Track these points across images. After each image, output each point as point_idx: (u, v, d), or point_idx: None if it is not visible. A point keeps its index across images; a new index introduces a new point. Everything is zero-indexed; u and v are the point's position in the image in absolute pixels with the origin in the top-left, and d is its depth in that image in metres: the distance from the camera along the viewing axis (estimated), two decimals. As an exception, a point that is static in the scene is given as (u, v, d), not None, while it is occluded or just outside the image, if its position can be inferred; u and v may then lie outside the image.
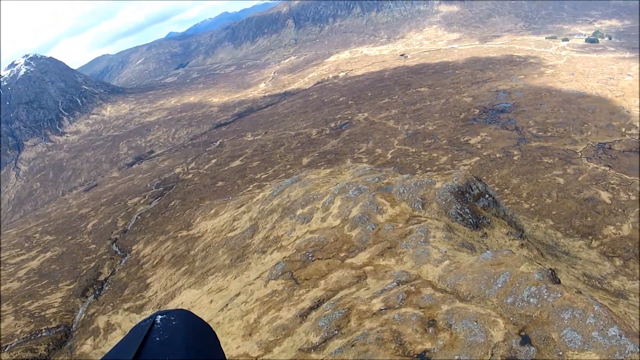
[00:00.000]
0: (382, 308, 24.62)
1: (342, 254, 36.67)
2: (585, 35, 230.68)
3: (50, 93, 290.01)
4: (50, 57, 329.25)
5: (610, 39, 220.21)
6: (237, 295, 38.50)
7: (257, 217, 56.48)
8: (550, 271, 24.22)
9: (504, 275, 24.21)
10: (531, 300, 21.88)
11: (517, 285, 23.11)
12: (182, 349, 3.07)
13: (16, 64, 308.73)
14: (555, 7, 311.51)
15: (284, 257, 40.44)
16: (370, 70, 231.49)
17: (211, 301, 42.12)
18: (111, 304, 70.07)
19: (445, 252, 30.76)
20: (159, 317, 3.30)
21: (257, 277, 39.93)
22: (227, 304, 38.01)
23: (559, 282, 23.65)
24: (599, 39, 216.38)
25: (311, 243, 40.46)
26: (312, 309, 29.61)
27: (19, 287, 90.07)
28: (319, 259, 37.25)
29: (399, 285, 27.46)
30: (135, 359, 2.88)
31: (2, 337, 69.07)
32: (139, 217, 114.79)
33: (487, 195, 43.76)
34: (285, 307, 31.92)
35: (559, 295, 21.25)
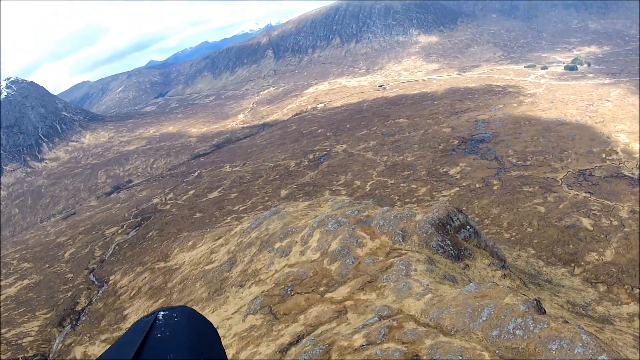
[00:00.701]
0: (364, 344, 23.93)
1: (322, 288, 36.02)
2: (564, 62, 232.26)
3: (31, 118, 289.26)
4: (32, 82, 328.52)
5: (589, 65, 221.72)
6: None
7: (235, 250, 55.78)
8: (535, 301, 23.67)
9: (488, 307, 23.63)
10: (517, 332, 21.34)
11: (503, 317, 22.55)
12: (183, 345, 3.05)
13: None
14: (534, 36, 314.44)
15: (262, 291, 39.74)
16: (348, 101, 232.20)
17: (188, 335, 41.13)
18: (88, 335, 69.28)
19: (427, 285, 30.19)
20: (161, 313, 3.28)
21: (235, 312, 39.22)
22: (204, 339, 37.15)
23: (545, 312, 23.10)
24: (578, 66, 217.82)
25: (290, 277, 39.82)
26: (291, 344, 28.93)
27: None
28: (298, 293, 36.55)
29: (380, 320, 26.79)
30: (137, 356, 2.88)
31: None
32: (117, 247, 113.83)
33: (468, 227, 43.25)
34: (264, 343, 31.19)
35: (546, 325, 20.72)
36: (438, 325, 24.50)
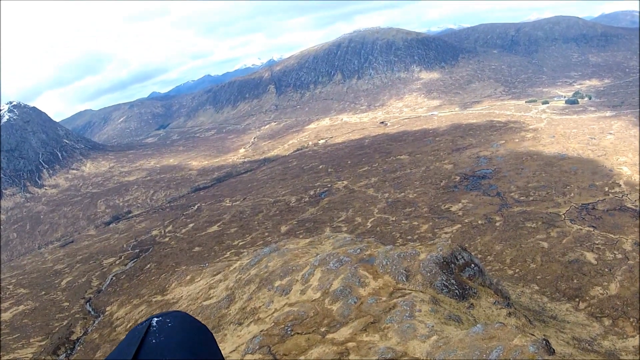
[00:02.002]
0: (367, 389, 22.97)
1: (323, 329, 35.03)
2: (565, 97, 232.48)
3: (32, 143, 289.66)
4: (34, 107, 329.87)
5: (590, 98, 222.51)
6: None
7: (233, 287, 54.86)
8: (544, 342, 22.90)
9: (497, 350, 22.77)
10: (527, 376, 20.41)
11: (512, 359, 21.57)
12: (179, 350, 3.11)
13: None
14: (535, 71, 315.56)
15: (261, 331, 38.74)
16: (350, 137, 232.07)
17: (184, 374, 40.07)
18: (83, 366, 68.39)
19: (433, 326, 29.29)
20: (155, 319, 3.32)
21: (233, 350, 38.21)
22: (199, 379, 36.13)
23: (554, 352, 22.27)
24: (579, 100, 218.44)
25: (290, 316, 38.79)
26: (291, 386, 27.96)
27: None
28: (298, 333, 35.54)
29: (384, 363, 25.81)
30: None
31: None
32: (114, 277, 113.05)
33: (472, 265, 42.46)
34: (262, 384, 30.23)
35: (556, 367, 19.80)
36: (445, 369, 23.58)
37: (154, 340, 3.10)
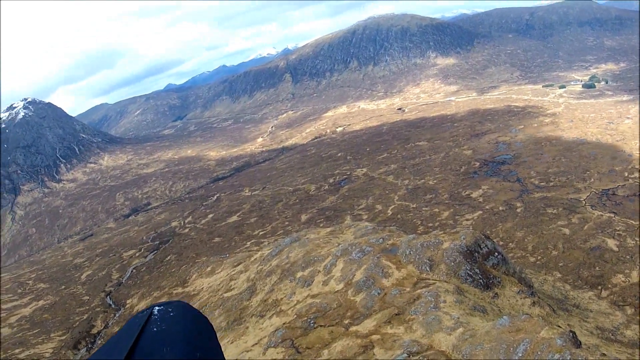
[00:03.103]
0: (393, 383, 22.60)
1: (346, 321, 34.55)
2: (581, 81, 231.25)
3: (48, 139, 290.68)
4: (49, 103, 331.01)
5: (607, 82, 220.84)
6: (234, 362, 36.40)
7: (255, 278, 54.43)
8: (571, 334, 22.47)
9: (524, 343, 22.33)
10: (555, 368, 20.03)
11: (539, 353, 21.29)
12: (179, 339, 3.10)
13: (15, 107, 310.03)
14: (551, 55, 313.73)
15: (283, 323, 38.33)
16: (368, 124, 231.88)
17: (207, 367, 39.63)
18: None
19: (458, 318, 28.80)
20: (156, 308, 3.30)
21: (255, 344, 37.82)
22: (222, 372, 35.80)
23: (580, 344, 21.86)
24: (596, 84, 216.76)
25: (313, 308, 38.35)
26: (315, 381, 27.61)
27: (10, 334, 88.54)
28: (321, 325, 35.11)
29: (409, 356, 25.45)
30: (133, 349, 2.93)
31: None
32: (134, 270, 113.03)
33: (496, 253, 41.93)
34: (285, 379, 29.89)
35: (584, 361, 19.43)
36: (471, 363, 23.22)
37: (155, 329, 3.10)
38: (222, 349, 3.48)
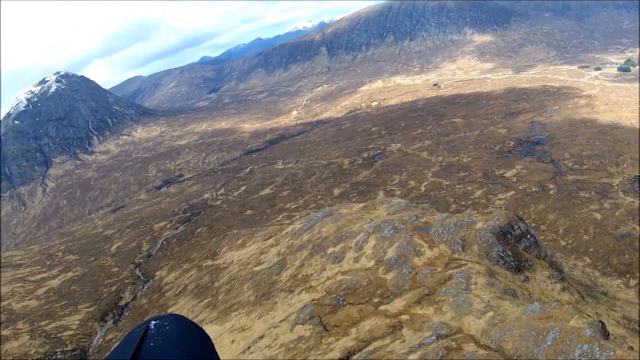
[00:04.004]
0: (420, 366, 22.60)
1: (376, 300, 34.24)
2: (617, 64, 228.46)
3: (81, 111, 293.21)
4: (82, 76, 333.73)
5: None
6: (261, 338, 36.32)
7: (285, 252, 54.36)
8: (600, 324, 22.22)
9: (553, 331, 22.10)
10: (583, 359, 19.97)
11: (568, 342, 21.01)
12: (176, 353, 3.11)
13: (47, 81, 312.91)
14: (587, 36, 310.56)
15: (312, 300, 38.16)
16: (403, 100, 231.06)
17: (233, 341, 39.77)
18: (130, 332, 68.77)
19: (488, 301, 28.51)
20: (153, 322, 3.33)
21: (283, 320, 37.70)
22: (249, 347, 35.86)
23: (609, 335, 21.79)
24: (631, 67, 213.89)
25: (342, 285, 38.03)
26: (342, 360, 27.64)
27: (37, 306, 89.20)
28: (350, 303, 34.78)
29: (438, 339, 25.17)
30: None
31: (16, 356, 68.09)
32: (164, 242, 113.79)
33: (528, 236, 41.38)
34: (312, 356, 29.67)
35: (612, 353, 19.27)
36: (499, 349, 22.95)
37: (152, 343, 3.12)
38: (250, 325, 3.54)
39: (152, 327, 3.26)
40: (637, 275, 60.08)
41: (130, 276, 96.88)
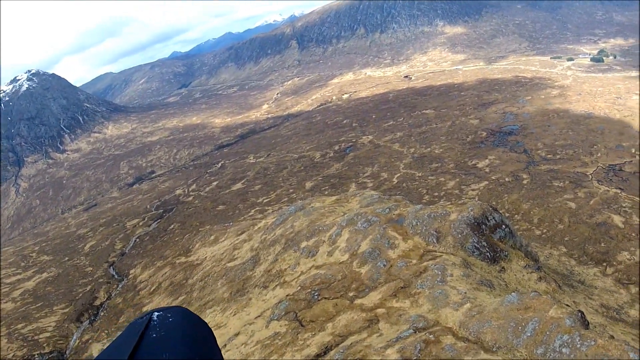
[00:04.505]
0: (398, 360, 22.11)
1: (351, 294, 33.91)
2: (590, 54, 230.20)
3: (52, 110, 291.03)
4: (53, 74, 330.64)
5: (615, 57, 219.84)
6: (237, 335, 35.85)
7: (258, 248, 53.97)
8: (580, 314, 21.94)
9: (532, 322, 21.79)
10: (564, 350, 19.54)
11: (548, 333, 20.71)
12: (179, 345, 3.08)
13: (18, 80, 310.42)
14: (559, 27, 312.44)
15: (287, 295, 37.72)
16: (374, 92, 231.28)
17: (208, 339, 39.24)
18: (106, 331, 68.34)
19: (465, 293, 28.19)
20: (156, 313, 3.29)
21: (259, 316, 37.27)
22: (225, 345, 35.35)
23: (588, 325, 21.42)
24: (605, 58, 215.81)
25: (317, 280, 37.65)
26: (318, 356, 27.06)
27: (13, 309, 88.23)
28: (325, 298, 34.47)
29: (415, 332, 24.79)
30: (132, 356, 2.90)
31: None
32: (138, 240, 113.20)
33: (503, 226, 41.26)
34: (288, 353, 29.29)
35: (593, 343, 18.94)
36: (478, 341, 22.58)
37: (154, 335, 3.04)
38: (226, 322, 3.28)
39: (155, 318, 3.18)
40: (614, 264, 60.30)
41: (104, 275, 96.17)
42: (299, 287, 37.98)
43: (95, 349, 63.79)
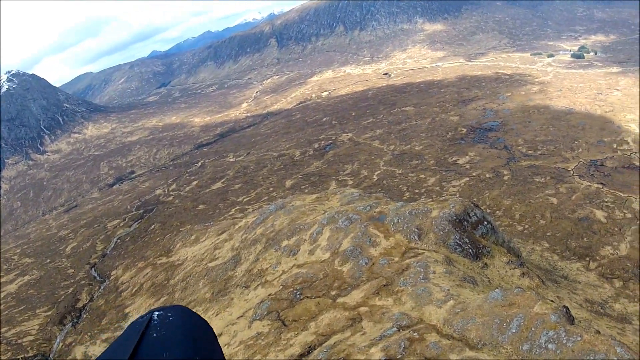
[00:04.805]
0: (383, 359, 21.79)
1: (334, 292, 33.72)
2: (570, 51, 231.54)
3: (32, 110, 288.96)
4: (33, 74, 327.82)
5: (596, 53, 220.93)
6: (219, 335, 35.42)
7: (239, 247, 53.66)
8: (565, 309, 21.82)
9: (517, 318, 21.64)
10: (549, 346, 19.45)
11: (533, 329, 20.61)
12: (179, 344, 3.07)
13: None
14: (539, 24, 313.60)
15: (269, 295, 37.47)
16: (353, 89, 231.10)
17: (191, 340, 38.88)
18: (89, 334, 67.54)
19: (448, 290, 28.04)
20: (156, 313, 3.29)
21: (241, 316, 37.07)
22: (207, 346, 35.05)
23: (574, 320, 21.23)
24: (585, 54, 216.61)
25: (299, 279, 37.46)
26: (302, 355, 26.74)
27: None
28: (307, 297, 34.24)
29: (399, 330, 24.57)
30: (133, 356, 2.90)
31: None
32: (119, 240, 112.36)
33: (485, 222, 41.24)
34: (272, 353, 29.03)
35: (579, 338, 18.81)
36: (463, 338, 22.38)
37: (154, 334, 3.02)
38: (208, 322, 3.42)
39: (156, 317, 3.17)
40: (597, 259, 60.40)
41: (86, 277, 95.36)
42: (281, 287, 37.83)
43: (79, 352, 63.40)
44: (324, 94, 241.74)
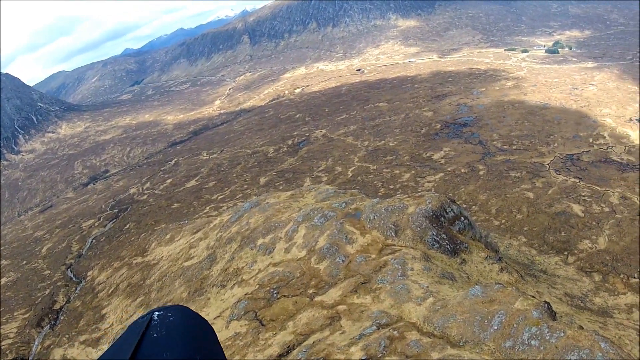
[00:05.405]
0: (364, 358, 21.43)
1: (311, 291, 33.49)
2: (545, 46, 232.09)
3: (6, 110, 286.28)
4: (7, 74, 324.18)
5: (571, 49, 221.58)
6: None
7: (214, 246, 53.40)
8: (546, 305, 21.71)
9: (499, 314, 21.46)
10: (532, 342, 19.29)
11: (515, 326, 20.46)
12: (180, 345, 3.09)
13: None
14: (514, 20, 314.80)
15: (246, 294, 37.21)
16: (327, 85, 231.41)
17: (168, 342, 38.48)
18: (67, 336, 67.11)
19: (427, 287, 27.87)
20: (156, 313, 3.30)
21: (218, 316, 36.76)
22: (184, 347, 34.69)
23: (556, 315, 21.02)
24: (560, 50, 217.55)
25: (275, 277, 37.28)
26: (281, 356, 26.40)
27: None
28: (285, 296, 33.98)
29: (379, 329, 24.32)
30: (134, 356, 2.92)
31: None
32: (94, 240, 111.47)
33: (462, 218, 41.26)
34: (250, 353, 28.67)
35: (562, 334, 18.64)
36: (444, 335, 22.14)
37: (155, 335, 3.04)
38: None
39: (156, 318, 3.19)
40: (575, 253, 60.55)
41: (62, 278, 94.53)
42: (258, 286, 37.64)
43: (58, 354, 63.19)
44: (297, 90, 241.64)
